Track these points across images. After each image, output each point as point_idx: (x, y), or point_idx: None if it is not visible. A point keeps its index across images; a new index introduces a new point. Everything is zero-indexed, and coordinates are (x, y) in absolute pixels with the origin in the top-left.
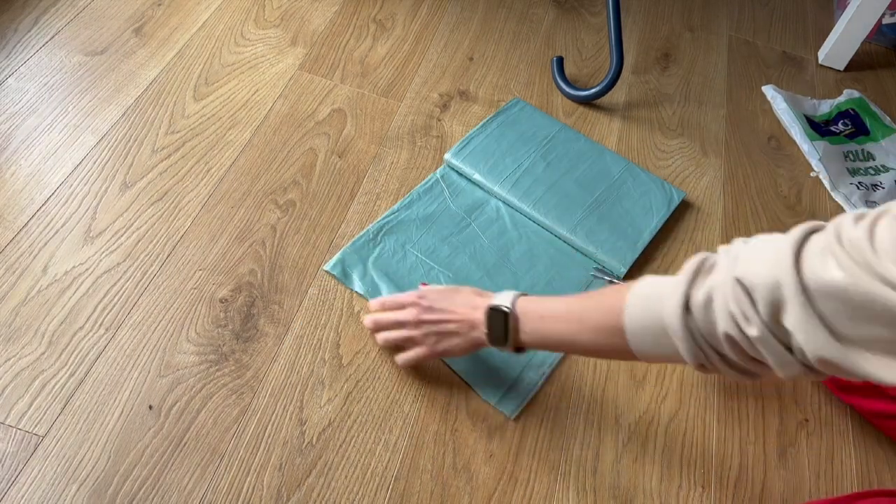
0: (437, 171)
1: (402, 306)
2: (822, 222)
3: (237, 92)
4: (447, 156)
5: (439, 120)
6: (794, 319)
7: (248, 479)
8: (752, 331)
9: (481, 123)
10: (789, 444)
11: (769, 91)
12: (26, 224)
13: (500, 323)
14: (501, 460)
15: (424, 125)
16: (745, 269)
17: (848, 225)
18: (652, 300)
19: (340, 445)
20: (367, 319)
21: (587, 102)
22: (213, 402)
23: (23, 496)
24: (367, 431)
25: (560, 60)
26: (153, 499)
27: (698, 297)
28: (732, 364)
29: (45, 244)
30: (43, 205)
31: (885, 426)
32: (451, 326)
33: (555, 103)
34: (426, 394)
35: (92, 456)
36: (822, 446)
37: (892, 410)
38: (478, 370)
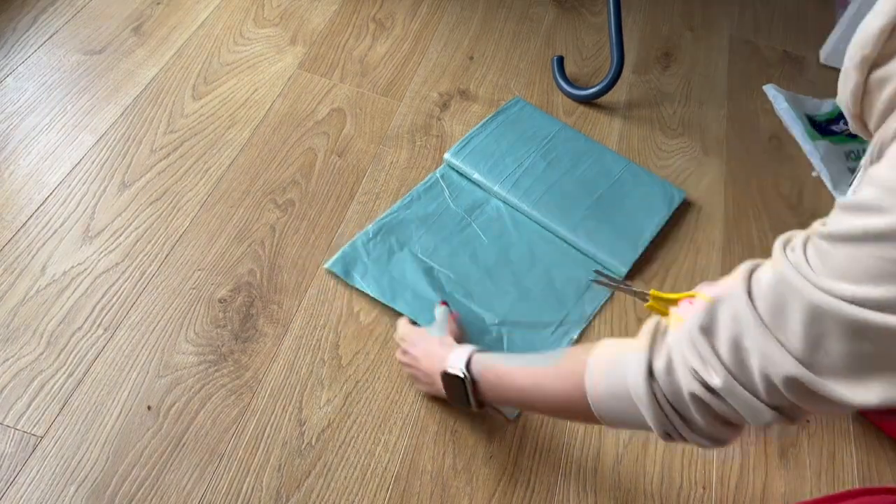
0: (437, 170)
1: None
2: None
3: (236, 91)
4: (447, 155)
5: (439, 119)
6: (752, 341)
7: (248, 479)
8: (716, 380)
9: (481, 123)
10: (790, 444)
11: (770, 90)
12: (25, 224)
13: (459, 387)
14: (501, 461)
15: (424, 125)
16: (698, 310)
17: (788, 245)
18: (615, 367)
19: (340, 446)
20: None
21: (588, 102)
22: (212, 403)
23: (21, 496)
24: (366, 432)
25: (560, 60)
26: (152, 499)
27: (659, 363)
28: (698, 429)
29: (44, 244)
30: (41, 204)
31: (886, 426)
32: (419, 374)
33: (555, 103)
34: (426, 394)
35: (90, 456)
36: (823, 446)
37: (893, 410)
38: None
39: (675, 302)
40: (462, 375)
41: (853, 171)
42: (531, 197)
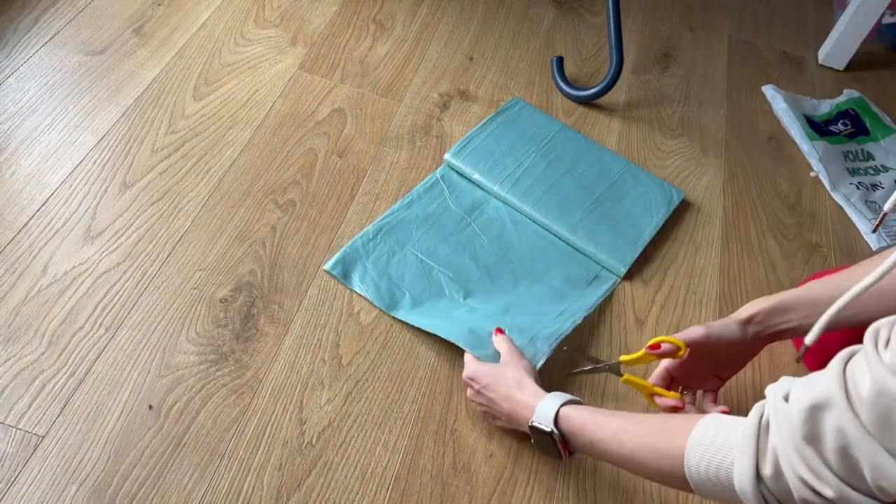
0: (437, 171)
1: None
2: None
3: (237, 92)
4: (447, 156)
5: (439, 120)
6: (860, 451)
7: (248, 479)
8: (828, 491)
9: (481, 123)
10: None
11: (769, 91)
12: (26, 224)
13: (547, 441)
14: (501, 460)
15: (424, 125)
16: (799, 414)
17: (880, 340)
18: (718, 459)
19: (340, 445)
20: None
21: (587, 102)
22: (213, 402)
23: (22, 496)
24: (366, 431)
25: (560, 60)
26: (153, 499)
27: (767, 469)
28: None
29: (45, 244)
30: (43, 205)
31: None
32: (497, 415)
33: (555, 103)
34: (426, 394)
35: (92, 456)
36: None
37: None
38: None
39: (647, 388)
40: (551, 432)
41: (851, 171)
42: (531, 197)
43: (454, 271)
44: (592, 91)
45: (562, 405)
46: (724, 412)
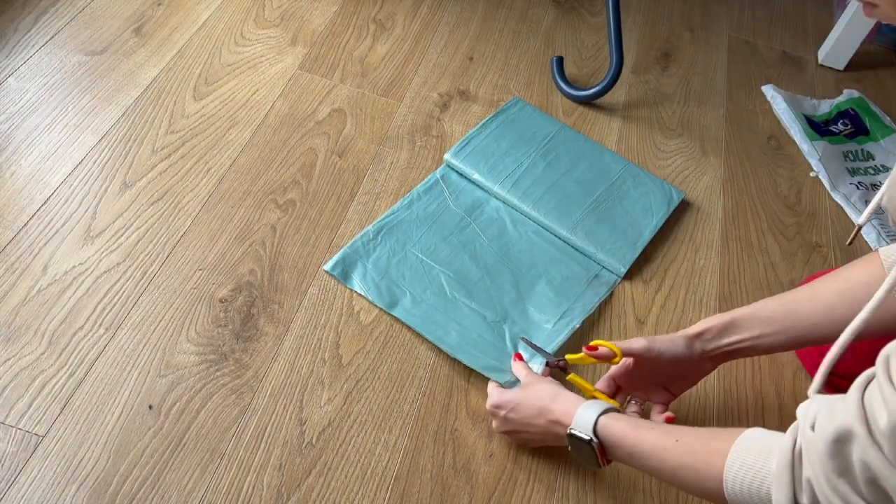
0: (437, 171)
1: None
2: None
3: (237, 92)
4: (447, 156)
5: (439, 120)
6: (888, 482)
7: (248, 478)
8: None
9: (481, 123)
10: None
11: (769, 91)
12: (26, 224)
13: (586, 450)
14: (501, 460)
15: (424, 125)
16: (825, 447)
17: (892, 368)
18: (756, 483)
19: (340, 445)
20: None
21: (587, 102)
22: (213, 402)
23: (23, 496)
24: (366, 431)
25: (560, 60)
26: (153, 499)
27: (804, 499)
28: None
29: (45, 244)
30: (43, 204)
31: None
32: (533, 437)
33: (555, 103)
34: (426, 393)
35: (92, 456)
36: None
37: None
38: (478, 354)
39: (588, 391)
40: (590, 440)
41: (851, 171)
42: (531, 197)
43: (454, 271)
44: (592, 91)
45: (600, 414)
46: (668, 420)
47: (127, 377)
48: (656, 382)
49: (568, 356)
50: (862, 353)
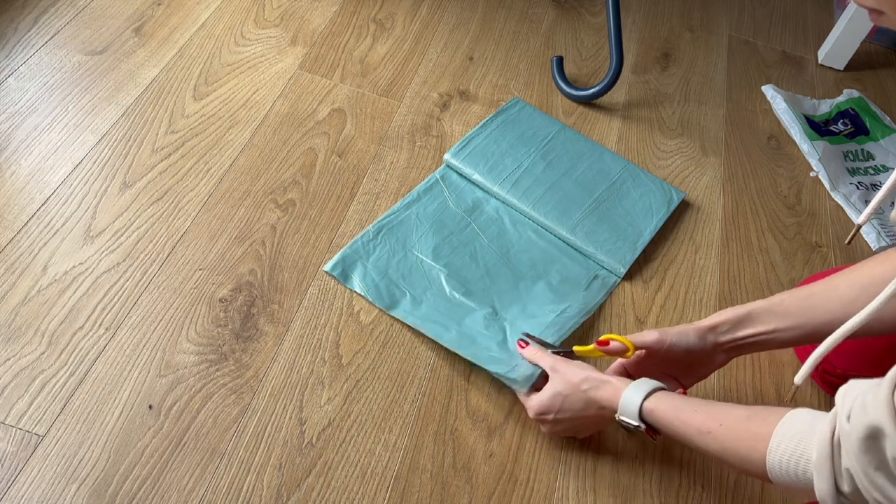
0: (437, 171)
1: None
2: None
3: (237, 91)
4: (447, 156)
5: (439, 120)
6: None
7: (248, 478)
8: None
9: (481, 124)
10: None
11: (769, 91)
12: (26, 224)
13: (637, 432)
14: (501, 459)
15: (424, 125)
16: (859, 441)
17: None
18: (799, 468)
19: (340, 445)
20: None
21: (587, 102)
22: (213, 402)
23: (23, 496)
24: (366, 431)
25: (560, 60)
26: (153, 498)
27: (845, 486)
28: None
29: (45, 244)
30: (43, 204)
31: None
32: (586, 427)
33: (555, 103)
34: (426, 393)
35: (92, 455)
36: None
37: None
38: (479, 349)
39: (595, 352)
40: (638, 426)
41: (851, 171)
42: (530, 197)
43: (454, 271)
44: (592, 91)
45: (644, 398)
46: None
47: (127, 377)
48: (667, 373)
49: (576, 348)
50: (855, 351)
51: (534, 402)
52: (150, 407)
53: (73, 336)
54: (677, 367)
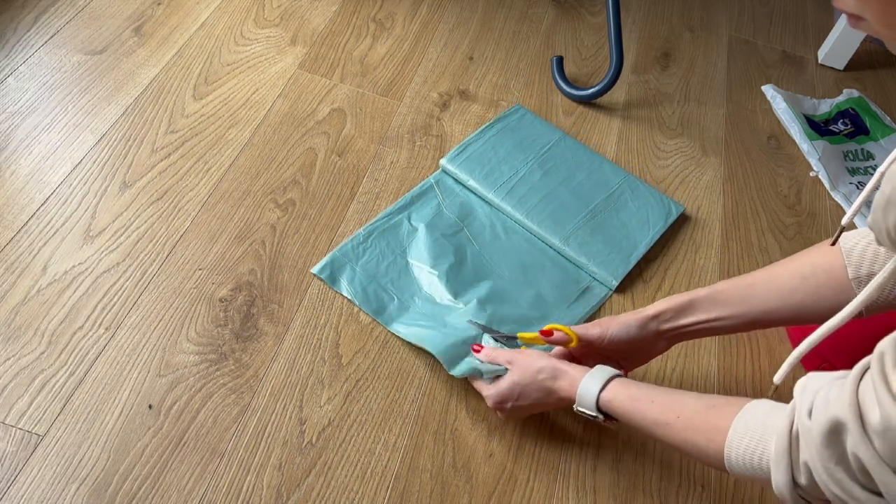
0: (432, 175)
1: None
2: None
3: (237, 91)
4: (443, 161)
5: (439, 119)
6: (878, 475)
7: (248, 478)
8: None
9: (480, 129)
10: None
11: (769, 90)
12: (26, 223)
13: (593, 419)
14: (501, 459)
15: (424, 125)
16: (821, 436)
17: (887, 369)
18: (755, 459)
19: (340, 445)
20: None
21: (587, 102)
22: (213, 402)
23: (22, 495)
24: (366, 431)
25: (560, 60)
26: (153, 498)
27: (801, 479)
28: None
29: (45, 244)
30: (42, 204)
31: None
32: (545, 409)
33: (554, 103)
34: (426, 393)
35: (92, 455)
36: None
37: None
38: (463, 357)
39: (538, 340)
40: (596, 417)
41: (851, 170)
42: (525, 206)
43: (444, 276)
44: (592, 91)
45: (601, 389)
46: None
47: (127, 377)
48: (610, 358)
49: (520, 335)
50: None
51: (492, 392)
52: (150, 407)
53: (72, 336)
54: (619, 353)
